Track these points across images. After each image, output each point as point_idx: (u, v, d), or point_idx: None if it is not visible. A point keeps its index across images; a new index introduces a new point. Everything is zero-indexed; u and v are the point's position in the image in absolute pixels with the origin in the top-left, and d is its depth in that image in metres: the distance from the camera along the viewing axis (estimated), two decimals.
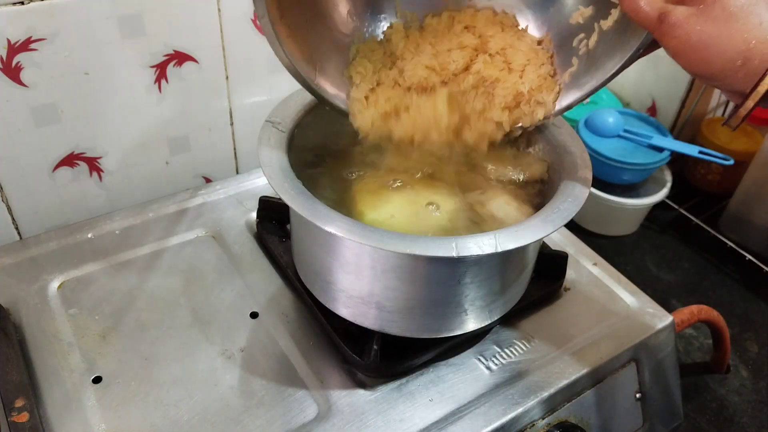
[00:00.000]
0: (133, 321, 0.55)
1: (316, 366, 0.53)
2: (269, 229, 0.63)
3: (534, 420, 0.52)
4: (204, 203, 0.68)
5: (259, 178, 0.71)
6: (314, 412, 0.50)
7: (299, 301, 0.58)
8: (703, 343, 0.77)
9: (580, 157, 0.52)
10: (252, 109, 0.72)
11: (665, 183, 0.89)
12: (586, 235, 0.90)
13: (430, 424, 0.49)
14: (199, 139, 0.71)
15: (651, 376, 0.59)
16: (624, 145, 0.86)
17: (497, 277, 0.50)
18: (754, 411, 0.70)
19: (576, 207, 0.46)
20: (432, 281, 0.47)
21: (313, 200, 0.45)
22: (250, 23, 0.66)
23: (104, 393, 0.50)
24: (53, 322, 0.54)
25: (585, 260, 0.66)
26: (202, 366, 0.52)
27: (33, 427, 0.45)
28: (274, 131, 0.51)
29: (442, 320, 0.50)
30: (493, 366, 0.54)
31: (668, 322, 0.60)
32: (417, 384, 0.52)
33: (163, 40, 0.62)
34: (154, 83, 0.64)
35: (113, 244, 0.62)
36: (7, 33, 0.55)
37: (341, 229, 0.43)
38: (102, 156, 0.66)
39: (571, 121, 0.85)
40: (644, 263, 0.88)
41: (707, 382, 0.73)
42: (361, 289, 0.49)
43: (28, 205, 0.65)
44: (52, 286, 0.58)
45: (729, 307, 0.82)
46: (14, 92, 0.58)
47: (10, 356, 0.49)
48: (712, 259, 0.89)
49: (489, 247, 0.42)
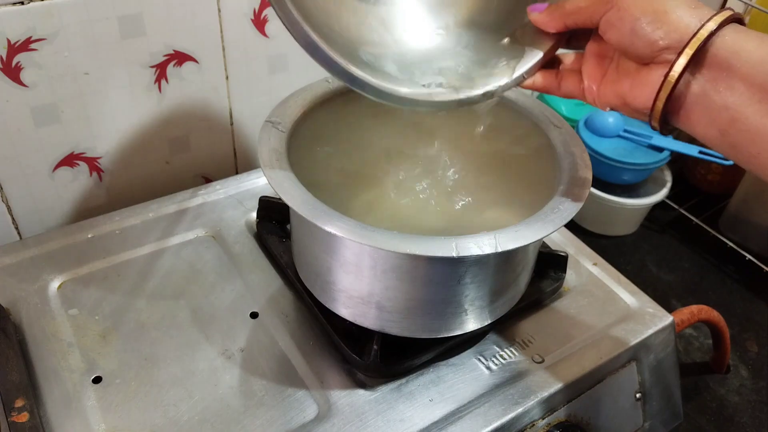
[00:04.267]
0: (133, 321, 0.55)
1: (316, 366, 0.53)
2: (269, 229, 0.63)
3: (534, 420, 0.52)
4: (204, 203, 0.68)
5: (259, 178, 0.71)
6: (314, 412, 0.50)
7: (299, 301, 0.58)
8: (703, 343, 0.77)
9: (580, 157, 0.52)
10: (252, 109, 0.72)
11: (665, 183, 0.89)
12: (586, 235, 0.90)
13: (430, 424, 0.49)
14: (199, 139, 0.71)
15: (651, 376, 0.59)
16: (624, 145, 0.86)
17: (497, 277, 0.50)
18: (754, 411, 0.70)
19: (576, 207, 0.46)
20: (432, 281, 0.47)
21: (314, 200, 0.45)
22: (250, 23, 0.66)
23: (104, 393, 0.50)
24: (53, 322, 0.54)
25: (585, 260, 0.66)
26: (202, 366, 0.52)
27: (33, 427, 0.45)
28: (274, 131, 0.51)
29: (442, 320, 0.50)
30: (493, 366, 0.54)
31: (668, 322, 0.60)
32: (417, 384, 0.52)
33: (163, 40, 0.62)
34: (154, 83, 0.64)
35: (113, 244, 0.62)
36: (7, 33, 0.55)
37: (341, 229, 0.43)
38: (102, 156, 0.66)
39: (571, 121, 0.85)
40: (644, 263, 0.88)
41: (707, 382, 0.73)
42: (361, 289, 0.49)
43: (28, 205, 0.65)
44: (52, 286, 0.58)
45: (729, 307, 0.82)
46: (14, 92, 0.58)
47: (10, 356, 0.49)
48: (712, 259, 0.89)
49: (489, 247, 0.42)
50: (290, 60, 0.70)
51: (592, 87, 0.44)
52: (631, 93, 0.41)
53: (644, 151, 0.85)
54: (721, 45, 0.37)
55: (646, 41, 0.39)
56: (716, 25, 0.37)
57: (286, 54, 0.70)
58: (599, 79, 0.44)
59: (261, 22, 0.66)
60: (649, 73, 0.40)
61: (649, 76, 0.40)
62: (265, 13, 0.66)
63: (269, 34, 0.67)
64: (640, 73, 0.41)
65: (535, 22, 0.45)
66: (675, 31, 0.38)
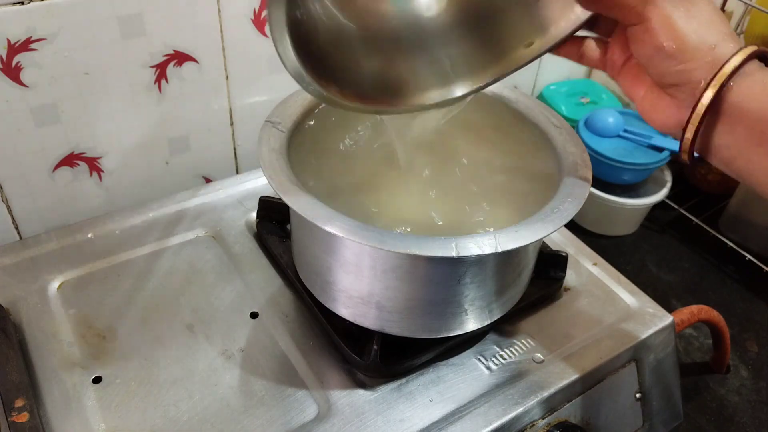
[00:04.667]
0: (133, 321, 0.55)
1: (316, 366, 0.53)
2: (269, 229, 0.63)
3: (534, 420, 0.52)
4: (204, 203, 0.68)
5: (259, 178, 0.71)
6: (314, 412, 0.50)
7: (299, 301, 0.58)
8: (703, 343, 0.77)
9: (580, 157, 0.52)
10: (252, 109, 0.72)
11: (665, 183, 0.89)
12: (586, 235, 0.90)
13: (430, 424, 0.49)
14: (199, 139, 0.71)
15: (651, 376, 0.59)
16: (624, 145, 0.86)
17: (497, 277, 0.50)
18: (754, 411, 0.70)
19: (576, 207, 0.46)
20: (432, 281, 0.47)
21: (314, 200, 0.45)
22: (250, 23, 0.66)
23: (104, 393, 0.50)
24: (53, 322, 0.54)
25: (585, 260, 0.66)
26: (202, 366, 0.52)
27: (33, 427, 0.45)
28: (274, 131, 0.51)
29: (442, 320, 0.50)
30: (493, 366, 0.54)
31: (668, 322, 0.60)
32: (417, 384, 0.52)
33: (163, 40, 0.62)
34: (154, 83, 0.64)
35: (113, 244, 0.62)
36: (7, 33, 0.55)
37: (341, 229, 0.43)
38: (102, 156, 0.66)
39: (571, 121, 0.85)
40: (644, 263, 0.88)
41: (707, 382, 0.73)
42: (361, 289, 0.49)
43: (28, 205, 0.65)
44: (52, 286, 0.58)
45: (729, 307, 0.81)
46: (14, 92, 0.58)
47: (10, 356, 0.49)
48: (712, 259, 0.89)
49: (489, 247, 0.42)
50: None
51: (614, 63, 0.44)
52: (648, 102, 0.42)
53: (644, 151, 0.85)
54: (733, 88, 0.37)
55: (663, 71, 0.39)
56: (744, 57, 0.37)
57: None
58: (620, 64, 0.43)
59: (261, 22, 0.66)
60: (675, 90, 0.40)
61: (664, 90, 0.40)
62: (265, 13, 0.66)
63: (269, 34, 0.67)
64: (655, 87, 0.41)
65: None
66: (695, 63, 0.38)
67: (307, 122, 0.55)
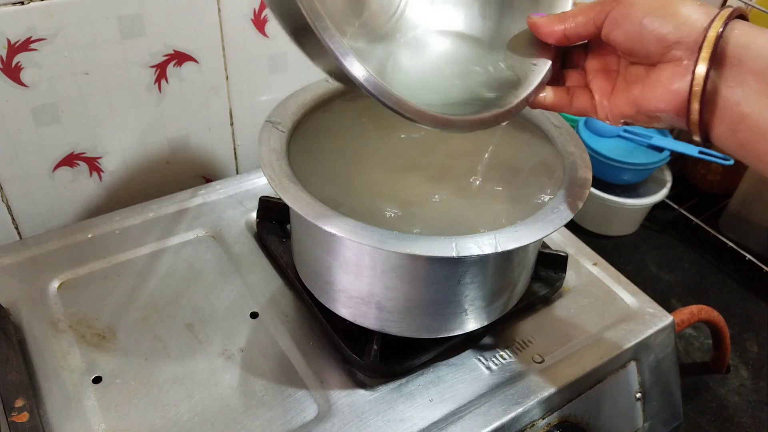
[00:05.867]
0: (133, 321, 0.55)
1: (316, 366, 0.53)
2: (269, 229, 0.63)
3: (534, 420, 0.52)
4: (204, 203, 0.68)
5: (259, 178, 0.71)
6: (314, 412, 0.50)
7: (299, 301, 0.58)
8: (703, 343, 0.77)
9: (580, 157, 0.52)
10: (252, 109, 0.72)
11: (665, 183, 0.89)
12: (586, 235, 0.90)
13: (430, 424, 0.49)
14: (199, 139, 0.71)
15: (651, 376, 0.59)
16: (624, 145, 0.86)
17: (497, 277, 0.50)
18: (754, 411, 0.70)
19: (576, 207, 0.46)
20: (432, 281, 0.47)
21: (314, 200, 0.45)
22: (250, 23, 0.66)
23: (104, 393, 0.50)
24: (53, 322, 0.54)
25: (585, 260, 0.66)
26: (202, 366, 0.52)
27: (33, 427, 0.45)
28: (274, 131, 0.51)
29: (442, 320, 0.50)
30: (493, 366, 0.54)
31: (668, 322, 0.60)
32: (417, 384, 0.52)
33: (163, 40, 0.62)
34: (154, 83, 0.64)
35: (113, 244, 0.62)
36: (7, 33, 0.55)
37: (341, 229, 0.43)
38: (102, 156, 0.66)
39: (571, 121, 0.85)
40: (644, 263, 0.88)
41: (707, 382, 0.73)
42: (361, 289, 0.49)
43: (28, 205, 0.65)
44: (52, 286, 0.58)
45: (729, 307, 0.82)
46: (14, 92, 0.58)
47: (10, 356, 0.49)
48: (712, 259, 0.89)
49: (489, 247, 0.42)
50: (290, 60, 0.70)
51: (603, 102, 0.43)
52: (644, 96, 0.41)
53: (644, 151, 0.85)
54: (730, 40, 0.37)
55: (655, 36, 0.38)
56: (723, 21, 0.37)
57: (286, 54, 0.70)
58: (609, 93, 0.43)
59: (261, 22, 0.66)
60: (659, 73, 0.39)
61: (660, 75, 0.39)
62: (265, 13, 0.66)
63: (269, 34, 0.67)
64: (650, 75, 0.40)
65: (534, 25, 0.44)
66: (684, 24, 0.38)
67: (307, 122, 0.55)
